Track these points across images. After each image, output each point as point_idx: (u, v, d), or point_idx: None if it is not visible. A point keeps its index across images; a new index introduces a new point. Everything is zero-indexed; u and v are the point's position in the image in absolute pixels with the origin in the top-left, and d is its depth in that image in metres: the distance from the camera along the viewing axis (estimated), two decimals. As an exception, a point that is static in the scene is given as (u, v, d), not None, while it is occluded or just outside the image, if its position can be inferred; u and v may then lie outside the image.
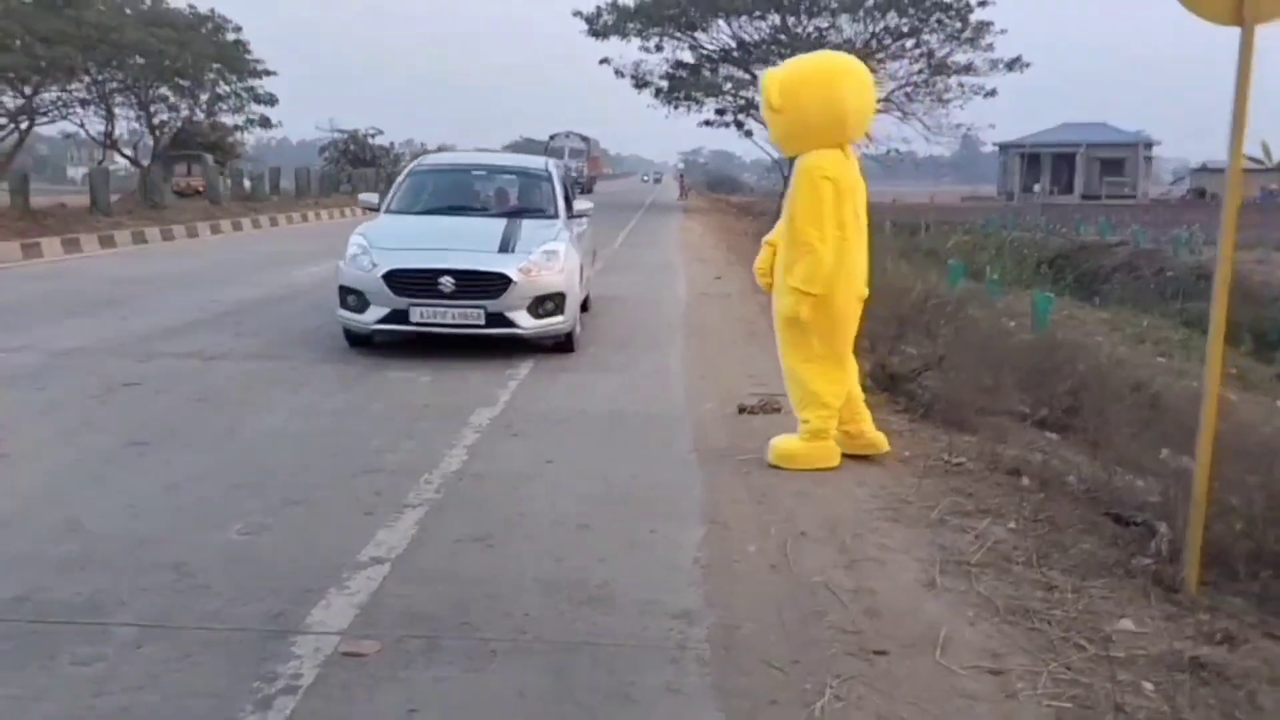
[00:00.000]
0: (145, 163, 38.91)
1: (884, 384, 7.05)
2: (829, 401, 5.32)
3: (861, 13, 41.20)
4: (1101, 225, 43.56)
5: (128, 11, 39.05)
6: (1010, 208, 56.03)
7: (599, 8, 42.18)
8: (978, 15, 40.57)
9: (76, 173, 77.28)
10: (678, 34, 43.00)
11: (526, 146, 65.88)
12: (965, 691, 3.05)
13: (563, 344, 8.16)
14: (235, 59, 41.99)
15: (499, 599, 3.61)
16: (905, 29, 41.84)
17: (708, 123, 46.16)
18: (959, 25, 41.17)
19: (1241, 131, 3.81)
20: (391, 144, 53.74)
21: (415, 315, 7.62)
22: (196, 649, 3.20)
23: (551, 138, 58.69)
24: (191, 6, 41.35)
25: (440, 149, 41.51)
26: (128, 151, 44.97)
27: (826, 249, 5.13)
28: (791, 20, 42.03)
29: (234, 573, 3.79)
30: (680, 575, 3.90)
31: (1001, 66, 41.95)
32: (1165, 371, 11.96)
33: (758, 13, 41.56)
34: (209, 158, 33.41)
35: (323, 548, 4.06)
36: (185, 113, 43.11)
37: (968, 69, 42.33)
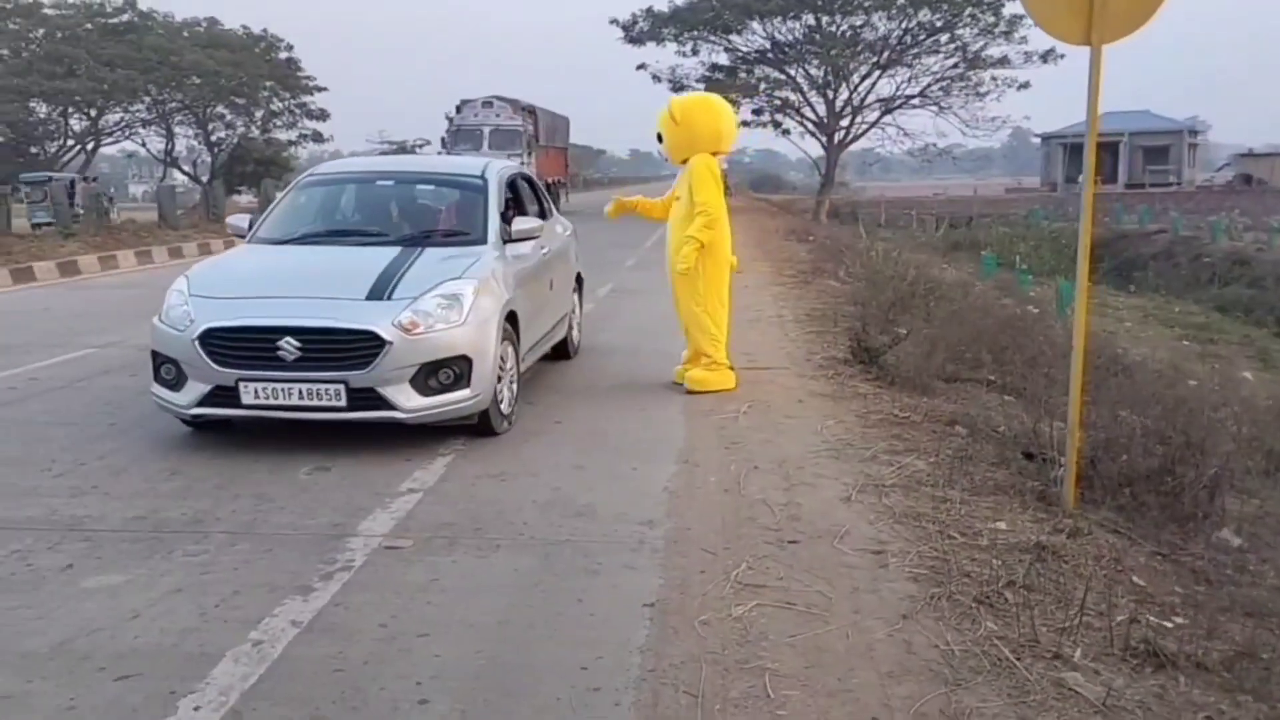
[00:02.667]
0: (204, 178, 40.76)
1: (860, 357, 7.99)
2: (719, 336, 7.26)
3: (895, 9, 41.80)
4: (1142, 214, 43.69)
5: (186, 35, 41.00)
6: (1053, 198, 56.17)
7: (634, 15, 43.26)
8: (1010, 8, 40.92)
9: (138, 190, 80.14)
10: (713, 37, 43.92)
11: (572, 154, 65.91)
12: (848, 564, 4.04)
13: (476, 426, 5.87)
14: (288, 76, 43.82)
15: (505, 513, 4.63)
16: (939, 24, 42.34)
17: (745, 123, 46.94)
18: (992, 19, 41.58)
19: (1094, 140, 4.72)
20: (439, 152, 55.00)
21: (248, 394, 5.40)
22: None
23: (459, 109, 33.49)
24: (245, 28, 43.26)
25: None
26: (186, 168, 47.02)
27: (718, 211, 7.11)
28: (825, 19, 42.75)
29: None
30: (650, 498, 4.90)
31: (1036, 59, 42.26)
32: (1179, 353, 12.70)
33: (791, 14, 42.35)
34: (269, 182, 34.93)
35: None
36: (241, 130, 44.95)
37: (1002, 62, 42.71)
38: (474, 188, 7.00)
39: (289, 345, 5.36)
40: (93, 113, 40.92)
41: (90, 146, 43.81)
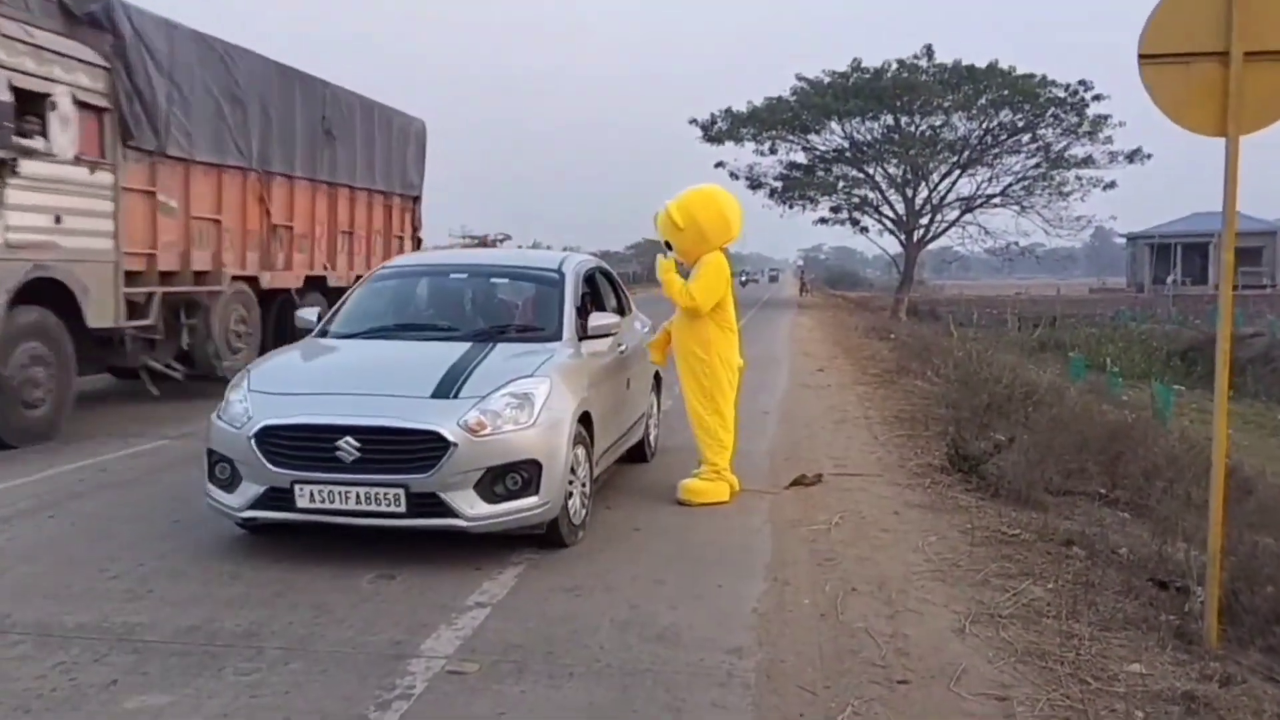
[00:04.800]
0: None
1: (958, 465, 7.48)
2: (725, 442, 6.86)
3: (975, 110, 41.75)
4: (1236, 316, 42.22)
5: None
6: (1140, 299, 54.80)
7: (713, 115, 43.92)
8: (1094, 109, 40.59)
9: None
10: (790, 137, 44.30)
11: (648, 249, 66.37)
12: (969, 712, 3.54)
13: (545, 535, 5.46)
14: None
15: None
16: (1020, 124, 42.16)
17: (823, 220, 47.06)
18: (1075, 119, 41.27)
19: (1231, 237, 4.30)
20: (519, 247, 55.66)
21: (303, 497, 5.08)
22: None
23: None
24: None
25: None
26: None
27: (702, 304, 6.78)
28: (904, 119, 42.85)
29: None
30: (738, 621, 4.47)
31: (1121, 159, 41.69)
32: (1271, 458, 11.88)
33: (870, 114, 42.55)
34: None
35: None
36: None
37: (1086, 162, 42.21)
38: (550, 281, 6.75)
39: (348, 445, 5.02)
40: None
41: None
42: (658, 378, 8.41)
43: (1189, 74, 4.30)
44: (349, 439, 5.03)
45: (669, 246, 7.07)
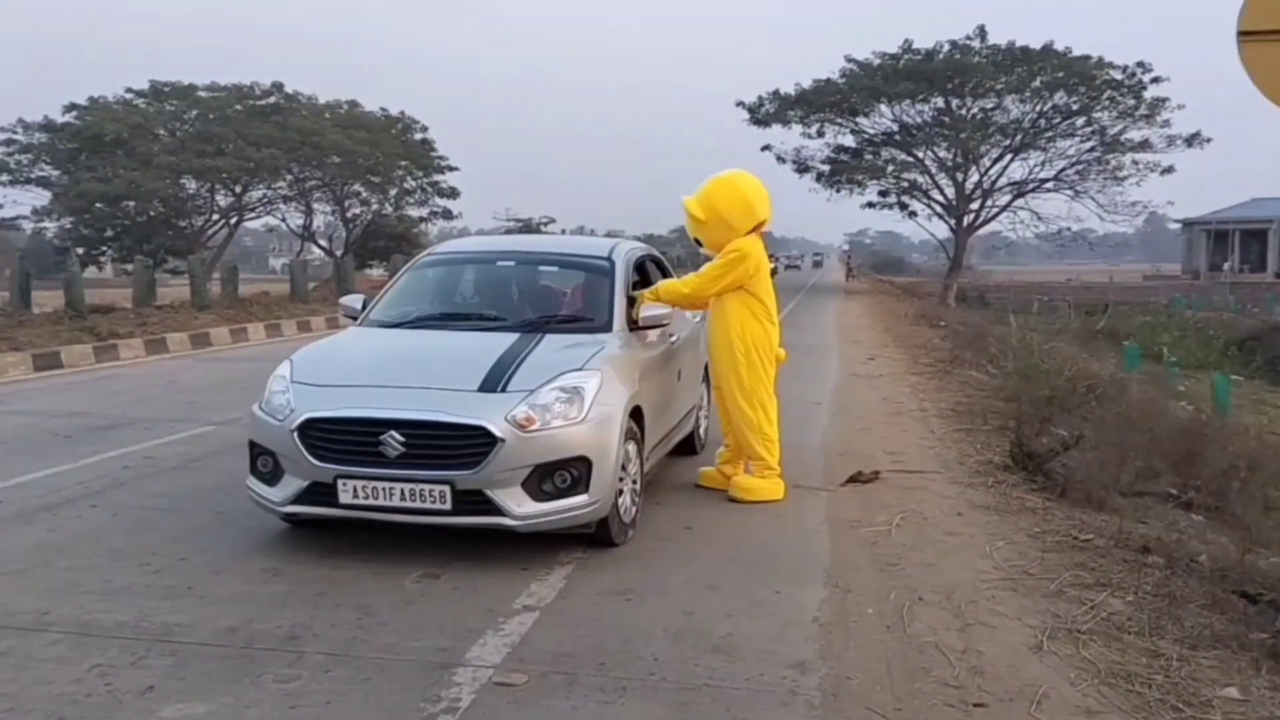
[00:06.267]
0: (339, 253, 42.02)
1: (1022, 463, 7.18)
2: (771, 435, 6.57)
3: (1028, 93, 40.80)
4: (1290, 305, 41.17)
5: (328, 116, 42.65)
6: (1195, 286, 53.53)
7: (760, 98, 43.34)
8: (1152, 91, 39.47)
9: (277, 263, 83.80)
10: (839, 120, 43.60)
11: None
12: (1054, 741, 3.29)
13: (594, 534, 5.27)
14: (421, 156, 45.12)
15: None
16: (1075, 107, 41.11)
17: (870, 204, 46.34)
18: (1132, 102, 40.17)
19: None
20: (563, 230, 55.61)
21: (346, 493, 4.89)
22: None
23: None
24: (384, 109, 44.78)
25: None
26: (323, 242, 48.67)
27: (695, 294, 6.59)
28: (955, 102, 42.00)
29: None
30: (799, 632, 4.24)
31: (1180, 142, 40.54)
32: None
33: (920, 96, 41.73)
34: (398, 257, 35.71)
35: None
36: (375, 206, 46.37)
37: (1143, 146, 41.09)
38: (600, 270, 6.49)
39: (392, 440, 4.82)
40: (238, 189, 42.76)
41: (234, 221, 45.75)
42: (708, 368, 8.17)
43: (1295, 52, 3.98)
44: (393, 433, 4.84)
45: (699, 243, 6.83)
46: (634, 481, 5.59)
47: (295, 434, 5.02)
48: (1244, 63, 4.03)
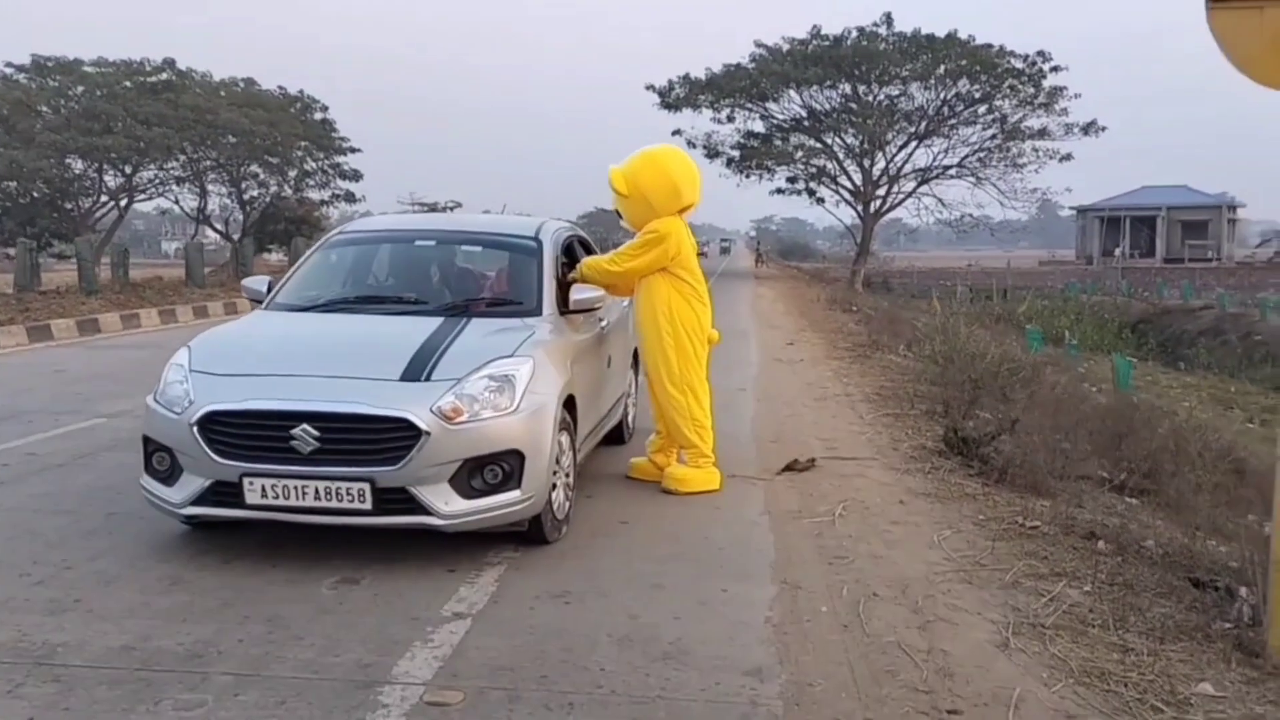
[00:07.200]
0: (236, 237, 40.51)
1: (957, 448, 7.05)
2: (704, 422, 6.26)
3: (933, 80, 41.41)
4: (1184, 289, 42.77)
5: (223, 94, 41.00)
6: (1089, 271, 55.29)
7: (671, 82, 43.09)
8: (1051, 81, 40.45)
9: (170, 247, 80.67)
10: (749, 105, 43.64)
11: (600, 218, 65.15)
12: (1038, 750, 3.07)
13: (527, 533, 4.90)
14: (322, 137, 43.73)
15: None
16: (977, 95, 41.89)
17: (780, 190, 46.53)
18: (1032, 91, 41.09)
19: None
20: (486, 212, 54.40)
21: (253, 492, 4.44)
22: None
23: None
24: (281, 88, 43.27)
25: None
26: (219, 226, 46.91)
27: (612, 273, 6.23)
28: (862, 89, 42.41)
29: None
30: (752, 634, 3.97)
31: (1077, 131, 41.63)
32: (1253, 437, 11.68)
33: (828, 83, 42.02)
34: (299, 240, 34.57)
35: None
36: (274, 189, 44.84)
37: (1042, 134, 42.09)
38: (526, 250, 6.08)
39: (305, 434, 4.38)
40: (128, 169, 40.83)
41: (124, 203, 43.73)
42: (636, 354, 7.87)
43: (1264, 21, 3.83)
44: (306, 427, 4.41)
45: (619, 215, 6.51)
46: (567, 475, 5.25)
47: (195, 428, 4.55)
48: (1213, 31, 3.86)
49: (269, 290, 5.96)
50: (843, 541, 5.18)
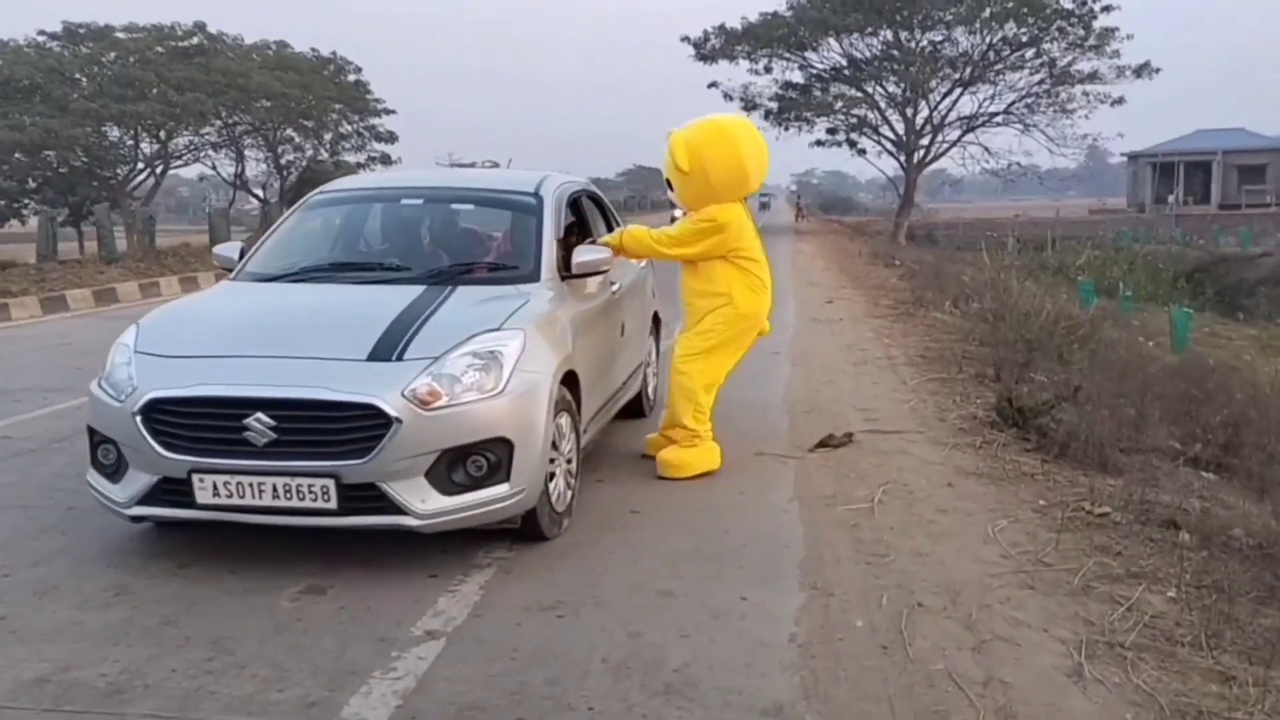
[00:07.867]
0: (273, 200, 40.19)
1: (1011, 419, 6.35)
2: (704, 406, 5.61)
3: (978, 24, 39.88)
4: (1242, 235, 41.20)
5: (255, 58, 40.59)
6: (1142, 220, 53.52)
7: (706, 32, 41.98)
8: (1102, 21, 38.77)
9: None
10: (787, 54, 42.44)
11: (639, 175, 64.03)
12: (1128, 828, 2.44)
13: (520, 529, 4.34)
14: (356, 99, 43.25)
15: (562, 686, 3.13)
16: (1024, 38, 40.32)
17: (819, 143, 45.38)
18: (1082, 33, 39.46)
19: None
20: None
21: (204, 490, 3.91)
22: (215, 747, 2.81)
23: None
24: (315, 50, 42.76)
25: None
26: (257, 191, 46.71)
27: (662, 254, 5.61)
28: (904, 35, 41.00)
29: None
30: (772, 656, 3.35)
31: (1129, 73, 39.97)
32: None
33: (869, 29, 40.66)
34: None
35: None
36: (310, 153, 44.52)
37: (1093, 77, 40.47)
38: (525, 208, 5.41)
39: (259, 424, 3.83)
40: (163, 135, 40.59)
41: (160, 170, 43.58)
42: (656, 318, 7.24)
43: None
44: (260, 415, 3.85)
45: (669, 186, 5.73)
46: (569, 461, 4.64)
47: (137, 417, 4.00)
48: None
49: (241, 257, 5.38)
50: (882, 535, 4.53)
